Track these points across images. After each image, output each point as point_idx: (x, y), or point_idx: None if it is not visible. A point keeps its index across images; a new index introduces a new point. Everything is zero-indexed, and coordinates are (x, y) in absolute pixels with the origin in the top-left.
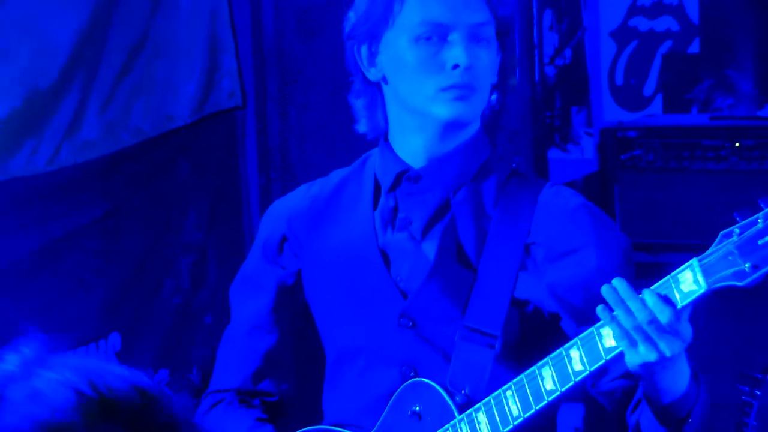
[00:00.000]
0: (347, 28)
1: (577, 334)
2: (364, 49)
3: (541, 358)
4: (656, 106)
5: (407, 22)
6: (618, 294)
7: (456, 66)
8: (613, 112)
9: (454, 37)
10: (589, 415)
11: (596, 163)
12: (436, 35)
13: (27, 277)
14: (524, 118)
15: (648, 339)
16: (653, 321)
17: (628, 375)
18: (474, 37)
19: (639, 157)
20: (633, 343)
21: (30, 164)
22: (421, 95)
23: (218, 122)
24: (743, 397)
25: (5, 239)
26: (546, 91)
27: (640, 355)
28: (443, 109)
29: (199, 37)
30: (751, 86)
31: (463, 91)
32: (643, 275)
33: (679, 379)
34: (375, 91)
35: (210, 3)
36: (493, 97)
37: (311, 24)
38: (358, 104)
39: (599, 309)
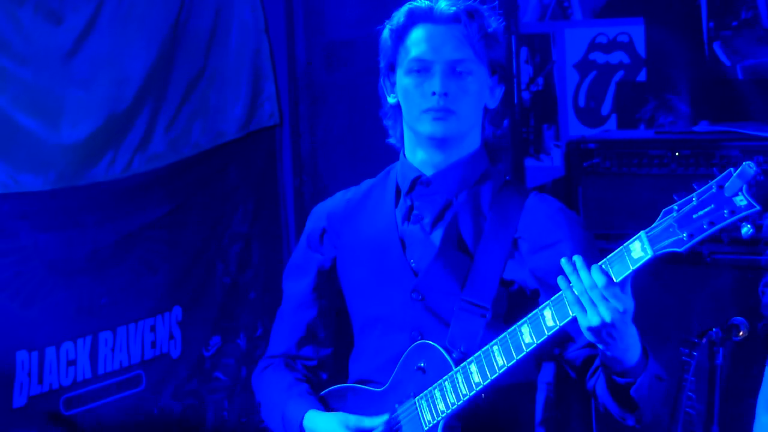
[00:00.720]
0: (380, 64)
1: None
2: (386, 82)
3: None
4: (611, 123)
5: (404, 59)
6: (570, 264)
7: (434, 93)
8: (576, 128)
9: (435, 69)
10: (558, 372)
11: (563, 170)
12: (422, 69)
13: (107, 263)
14: (505, 134)
15: (591, 303)
16: (593, 287)
17: (591, 345)
18: (452, 70)
19: (598, 165)
20: (582, 308)
21: (108, 172)
22: (411, 116)
23: (260, 137)
24: (683, 358)
25: (90, 232)
26: (522, 112)
27: (586, 319)
28: (425, 127)
29: (245, 69)
30: (687, 107)
31: (440, 113)
32: (601, 258)
33: (629, 352)
34: (397, 112)
35: (254, 41)
36: (505, 123)
37: (335, 59)
38: (388, 123)
39: (559, 279)
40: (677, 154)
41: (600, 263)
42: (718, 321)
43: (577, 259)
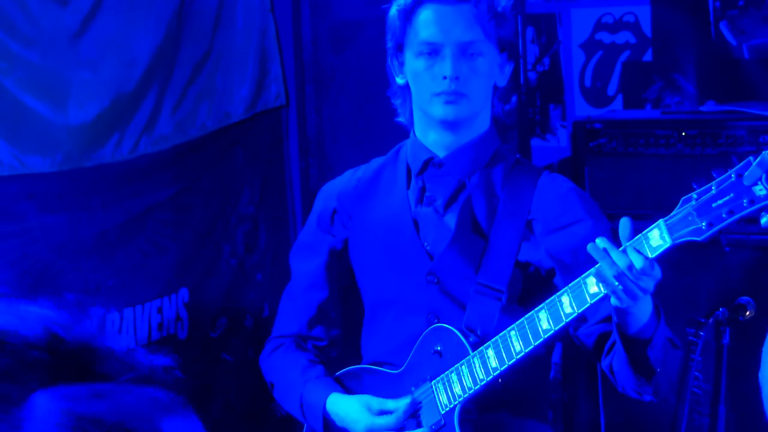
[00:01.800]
0: (387, 43)
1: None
2: (394, 61)
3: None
4: (617, 103)
5: (413, 41)
6: (600, 249)
7: (445, 77)
8: (582, 109)
9: (446, 52)
10: (565, 351)
11: (569, 150)
12: (432, 51)
13: (114, 244)
14: (512, 114)
15: (629, 282)
16: (631, 266)
17: (603, 321)
18: (463, 53)
19: (604, 145)
20: (616, 289)
21: (115, 153)
22: (422, 99)
23: (267, 118)
24: (690, 338)
25: (97, 214)
26: (529, 92)
27: (623, 301)
28: (437, 110)
29: (251, 50)
30: (693, 87)
31: (451, 96)
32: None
33: (643, 311)
34: (405, 90)
35: (260, 23)
36: (514, 98)
37: (341, 39)
38: (397, 102)
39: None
40: (684, 134)
41: (630, 243)
42: (726, 300)
43: (602, 241)
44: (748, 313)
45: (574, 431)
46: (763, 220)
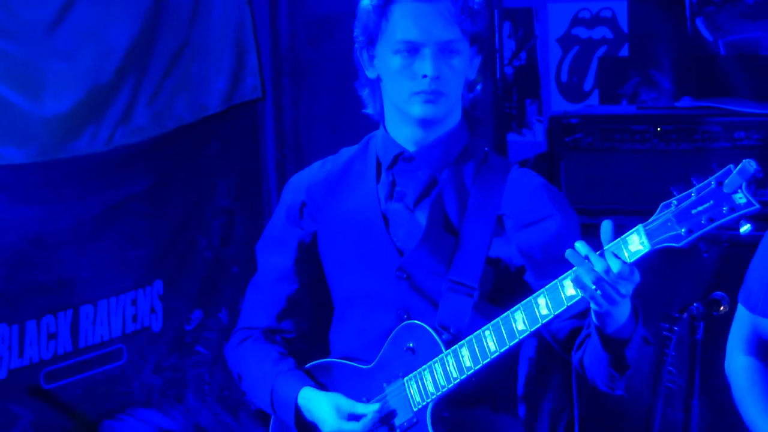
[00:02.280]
0: (355, 33)
1: (537, 283)
2: (364, 53)
3: (509, 304)
4: (594, 98)
5: (390, 37)
6: (580, 255)
7: (425, 76)
8: (559, 104)
9: (425, 52)
10: (540, 346)
11: (545, 145)
12: (411, 50)
13: (89, 236)
14: (488, 109)
15: (607, 286)
16: (608, 271)
17: (575, 317)
18: (443, 52)
19: (580, 140)
20: (594, 294)
21: (91, 145)
22: (399, 96)
23: (243, 111)
24: (664, 333)
25: (73, 205)
26: (505, 87)
27: (602, 305)
28: (415, 109)
29: (228, 42)
30: (669, 83)
31: (431, 96)
32: (584, 233)
33: (622, 312)
34: (375, 84)
35: (237, 15)
36: (479, 87)
37: (318, 33)
38: (364, 93)
39: (574, 273)
40: (659, 129)
41: (608, 247)
42: (700, 296)
43: (580, 245)
44: (722, 308)
45: (548, 427)
46: (742, 229)
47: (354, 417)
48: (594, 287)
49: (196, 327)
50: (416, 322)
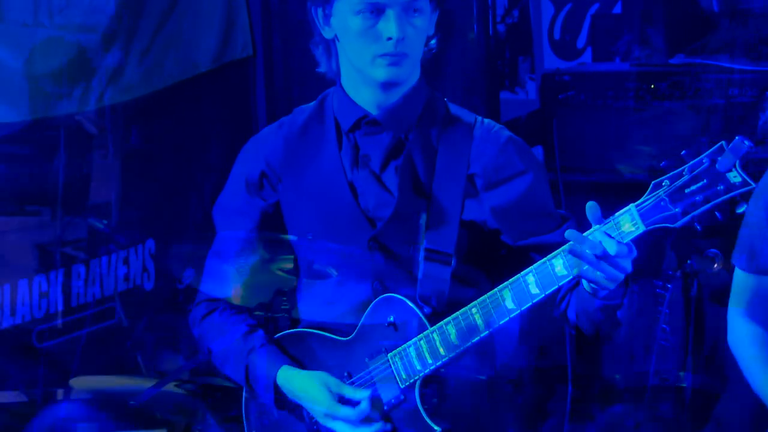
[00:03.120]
0: None
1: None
2: (319, 11)
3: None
4: (587, 56)
5: None
6: (581, 251)
7: (390, 38)
8: (551, 61)
9: (389, 13)
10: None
11: (538, 102)
12: (374, 10)
13: (80, 195)
14: (480, 67)
15: (609, 268)
16: (606, 254)
17: None
18: (406, 12)
19: (573, 97)
20: (598, 279)
21: (81, 103)
22: (362, 59)
23: (234, 68)
24: (657, 290)
25: (63, 164)
26: (498, 44)
27: (607, 286)
28: (379, 72)
29: (218, 0)
30: (662, 40)
31: (395, 58)
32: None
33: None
34: (330, 43)
35: None
36: (432, 42)
37: None
38: (318, 51)
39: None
40: (653, 86)
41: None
42: (694, 253)
43: (573, 233)
44: (716, 265)
45: (542, 383)
46: (739, 210)
47: (346, 400)
48: (599, 273)
49: (188, 286)
50: (396, 295)
